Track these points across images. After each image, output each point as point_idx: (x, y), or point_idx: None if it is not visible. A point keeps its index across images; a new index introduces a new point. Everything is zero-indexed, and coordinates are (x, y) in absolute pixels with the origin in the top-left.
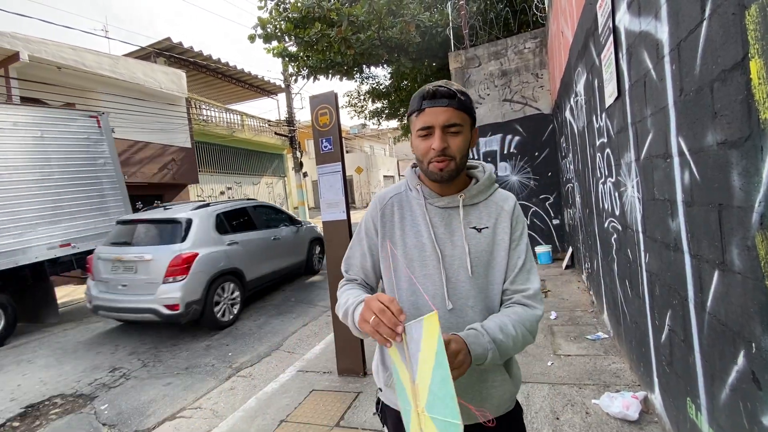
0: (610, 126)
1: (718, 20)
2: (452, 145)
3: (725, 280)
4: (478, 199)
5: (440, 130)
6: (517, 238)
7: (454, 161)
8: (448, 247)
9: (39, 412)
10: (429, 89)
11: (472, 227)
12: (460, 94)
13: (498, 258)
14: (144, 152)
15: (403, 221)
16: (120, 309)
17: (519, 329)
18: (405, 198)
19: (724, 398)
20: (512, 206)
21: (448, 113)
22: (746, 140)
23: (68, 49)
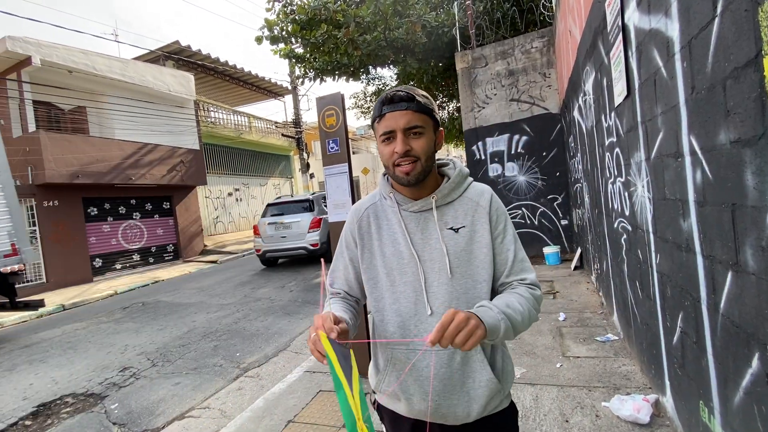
0: (619, 125)
1: (730, 17)
2: (415, 146)
3: (739, 281)
4: (451, 198)
5: (401, 133)
6: (501, 231)
7: (420, 162)
8: (426, 252)
9: (51, 411)
10: (388, 95)
11: (449, 228)
12: (419, 97)
13: (479, 256)
14: (153, 154)
15: (380, 231)
16: (282, 250)
17: (524, 305)
18: (380, 207)
19: (737, 401)
20: (488, 200)
21: (407, 116)
22: (760, 138)
23: (79, 53)
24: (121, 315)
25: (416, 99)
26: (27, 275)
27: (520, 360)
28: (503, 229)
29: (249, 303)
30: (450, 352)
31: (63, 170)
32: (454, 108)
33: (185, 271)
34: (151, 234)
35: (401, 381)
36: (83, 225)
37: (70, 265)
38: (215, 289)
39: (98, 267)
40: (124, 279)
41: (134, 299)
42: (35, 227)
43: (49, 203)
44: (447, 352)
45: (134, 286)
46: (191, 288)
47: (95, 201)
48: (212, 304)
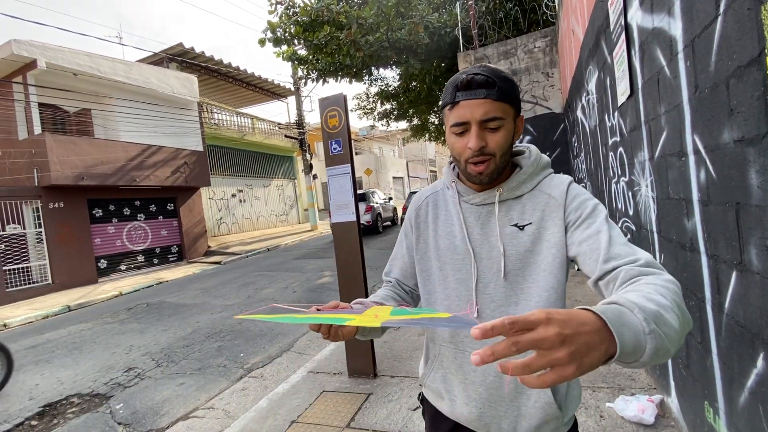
0: (622, 124)
1: (733, 16)
2: (491, 142)
3: (743, 280)
4: (521, 191)
5: (477, 126)
6: (586, 216)
7: (494, 160)
8: (484, 249)
9: (56, 411)
10: (463, 78)
11: (513, 224)
12: (500, 81)
13: (547, 258)
14: (157, 156)
15: (436, 222)
16: None
17: (670, 299)
18: (441, 196)
19: (743, 402)
20: (564, 191)
21: (485, 106)
22: (764, 137)
23: (84, 55)
24: (125, 316)
25: (497, 85)
26: (33, 276)
27: None
28: (591, 213)
29: (253, 304)
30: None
31: (68, 172)
32: None
33: (189, 272)
34: (156, 235)
35: (446, 380)
36: (88, 226)
37: (75, 266)
38: (219, 289)
39: (103, 268)
40: (128, 280)
41: (139, 300)
42: (41, 229)
43: (55, 205)
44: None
45: (139, 287)
46: (195, 289)
47: (100, 202)
48: (216, 304)
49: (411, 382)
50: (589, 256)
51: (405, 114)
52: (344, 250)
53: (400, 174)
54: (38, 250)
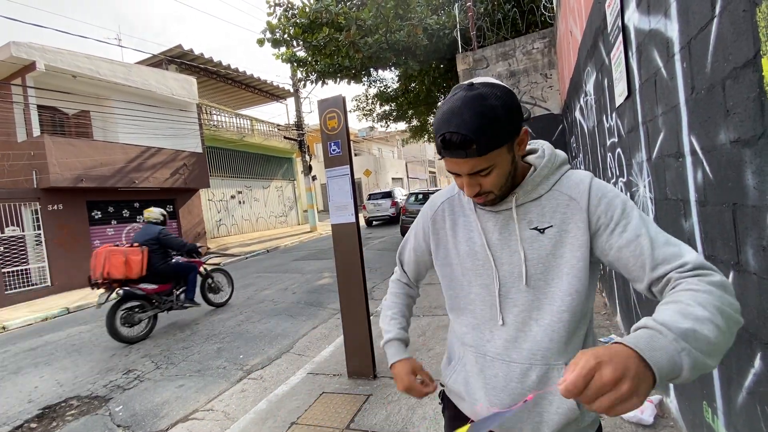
0: (620, 125)
1: (728, 17)
2: (485, 184)
3: (740, 281)
4: (537, 193)
5: (468, 177)
6: (617, 218)
7: (492, 193)
8: (504, 254)
9: (56, 414)
10: (440, 139)
11: (533, 228)
12: (481, 134)
13: (571, 261)
14: (156, 158)
15: (455, 228)
16: (377, 217)
17: (710, 307)
18: (457, 201)
19: (741, 402)
20: (586, 191)
21: (470, 163)
22: (760, 138)
23: (83, 57)
24: None
25: (476, 142)
26: (32, 279)
27: None
28: (621, 214)
29: (252, 305)
30: (525, 367)
31: (67, 174)
32: None
33: None
34: None
35: (468, 383)
36: (87, 228)
37: (74, 268)
38: None
39: None
40: None
41: None
42: (40, 231)
43: (54, 207)
44: (521, 366)
45: None
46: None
47: (99, 204)
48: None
49: None
50: (633, 263)
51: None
52: (343, 251)
53: (400, 175)
54: (37, 252)
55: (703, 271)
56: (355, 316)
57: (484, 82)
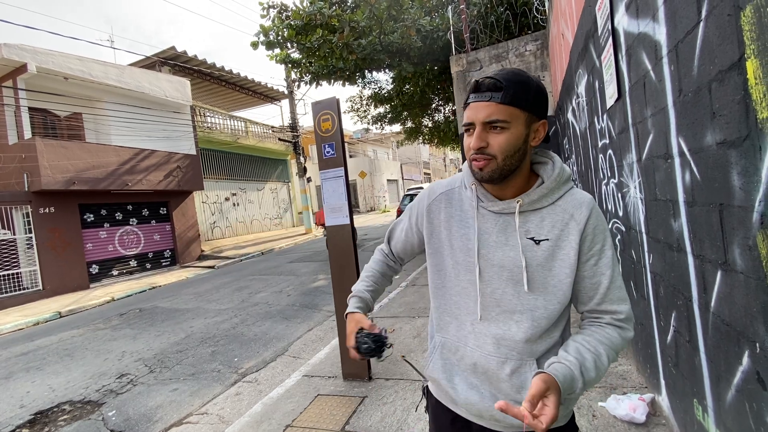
0: (611, 127)
1: (714, 21)
2: (493, 143)
3: (728, 280)
4: (541, 204)
5: (480, 126)
6: (597, 252)
7: (495, 161)
8: (497, 256)
9: (48, 419)
10: (476, 80)
11: (530, 237)
12: (512, 85)
13: (559, 276)
14: (149, 160)
15: (449, 221)
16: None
17: (610, 358)
18: (456, 196)
19: (730, 399)
20: (586, 216)
21: (489, 108)
22: (745, 140)
23: (75, 59)
24: (118, 321)
25: (504, 89)
26: (23, 282)
27: None
28: (600, 249)
29: (247, 308)
30: (501, 360)
31: (59, 177)
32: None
33: (182, 277)
34: (148, 240)
35: (446, 370)
36: (80, 231)
37: (66, 272)
38: (213, 294)
39: (95, 273)
40: (121, 285)
41: (131, 305)
42: (31, 234)
43: (45, 210)
44: (497, 359)
45: (131, 292)
46: (188, 293)
47: (91, 207)
48: (210, 309)
49: (406, 385)
50: (586, 292)
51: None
52: (338, 253)
53: (395, 176)
54: (28, 255)
55: (625, 326)
56: None
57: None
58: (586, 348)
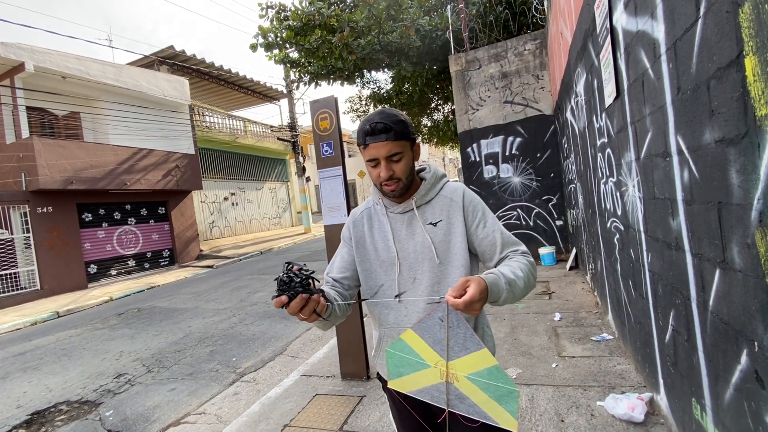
0: (610, 126)
1: (712, 18)
2: (397, 170)
3: (726, 278)
4: (429, 197)
5: (384, 160)
6: (480, 219)
7: (401, 181)
8: (410, 245)
9: (45, 419)
10: (368, 127)
11: (429, 223)
12: (396, 125)
13: (456, 244)
14: (147, 159)
15: (372, 230)
16: None
17: (524, 272)
18: (373, 211)
19: (728, 398)
20: (461, 196)
21: (388, 146)
22: (743, 137)
23: (73, 58)
24: (116, 321)
25: (393, 129)
26: (21, 282)
27: (515, 360)
28: (482, 216)
29: (245, 307)
30: None
31: (57, 176)
32: (449, 110)
33: (181, 277)
34: (147, 239)
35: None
36: (78, 231)
37: (64, 271)
38: (211, 294)
39: (93, 273)
40: (119, 285)
41: (129, 305)
42: (29, 234)
43: (43, 209)
44: None
45: (129, 291)
46: (187, 293)
47: (90, 207)
48: (208, 309)
49: None
50: (489, 251)
51: None
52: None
53: None
54: (26, 255)
55: (527, 254)
56: (349, 318)
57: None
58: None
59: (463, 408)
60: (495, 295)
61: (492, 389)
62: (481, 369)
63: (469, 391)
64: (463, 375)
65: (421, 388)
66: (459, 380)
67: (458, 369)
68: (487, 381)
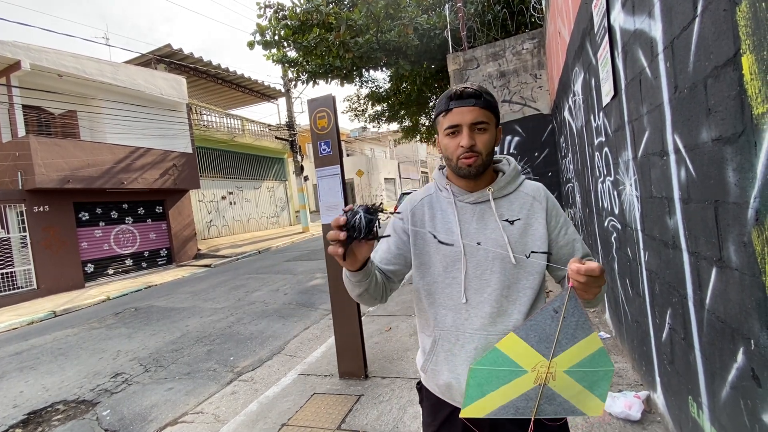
0: (607, 124)
1: (710, 17)
2: (479, 142)
3: (723, 277)
4: (507, 191)
5: (467, 128)
6: (563, 224)
7: (481, 157)
8: (481, 240)
9: (41, 419)
10: (456, 90)
11: (505, 219)
12: (485, 94)
13: (529, 246)
14: (145, 158)
15: (434, 220)
16: None
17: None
18: (435, 198)
19: (724, 396)
20: (545, 197)
21: (474, 112)
22: (740, 136)
23: (69, 57)
24: (113, 320)
25: (483, 96)
26: (17, 282)
27: None
28: (564, 221)
29: (243, 307)
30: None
31: (53, 175)
32: None
33: (178, 276)
34: (144, 238)
35: (449, 361)
36: (74, 230)
37: (61, 271)
38: (209, 293)
39: (90, 273)
40: (116, 284)
41: (127, 304)
42: (25, 233)
43: (40, 209)
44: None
45: (127, 291)
46: (185, 292)
47: (86, 206)
48: (206, 308)
49: (402, 383)
50: (568, 255)
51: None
52: None
53: (392, 175)
54: (23, 254)
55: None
56: (347, 317)
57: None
58: None
59: (551, 410)
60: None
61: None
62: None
63: (563, 387)
64: (563, 370)
65: (505, 404)
66: (555, 378)
67: (560, 365)
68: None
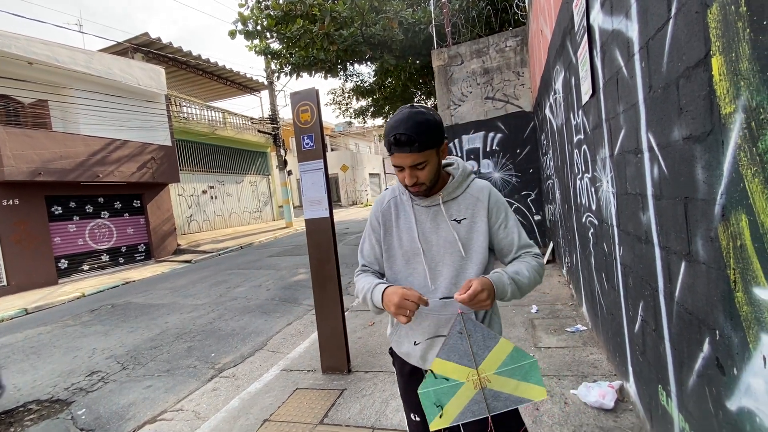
0: (586, 123)
1: (683, 19)
2: (421, 176)
3: (691, 270)
4: (455, 195)
5: (408, 169)
6: (503, 220)
7: (425, 185)
8: (434, 238)
9: (13, 419)
10: (392, 138)
11: (453, 219)
12: (420, 137)
13: (477, 242)
14: (121, 151)
15: (398, 220)
16: None
17: (530, 272)
18: (399, 200)
19: (691, 384)
20: (487, 195)
21: (411, 157)
22: (709, 134)
23: (40, 43)
24: (88, 318)
25: (416, 142)
26: None
27: None
28: (505, 217)
29: (224, 302)
30: (449, 317)
31: (23, 167)
32: (432, 105)
33: (158, 272)
34: (121, 233)
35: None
36: (47, 225)
37: (33, 266)
38: (189, 289)
39: (64, 268)
40: (92, 280)
41: (103, 301)
42: None
43: (9, 202)
44: (446, 317)
45: (103, 287)
46: (164, 288)
47: (59, 199)
48: (186, 304)
49: (385, 377)
50: (506, 250)
51: (381, 110)
52: (317, 246)
53: (377, 170)
54: None
55: (537, 254)
56: (330, 312)
57: (422, 105)
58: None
59: (501, 405)
60: (501, 291)
61: (518, 371)
62: (505, 358)
63: (501, 385)
64: (492, 373)
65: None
66: (491, 380)
67: (487, 369)
68: (512, 366)
